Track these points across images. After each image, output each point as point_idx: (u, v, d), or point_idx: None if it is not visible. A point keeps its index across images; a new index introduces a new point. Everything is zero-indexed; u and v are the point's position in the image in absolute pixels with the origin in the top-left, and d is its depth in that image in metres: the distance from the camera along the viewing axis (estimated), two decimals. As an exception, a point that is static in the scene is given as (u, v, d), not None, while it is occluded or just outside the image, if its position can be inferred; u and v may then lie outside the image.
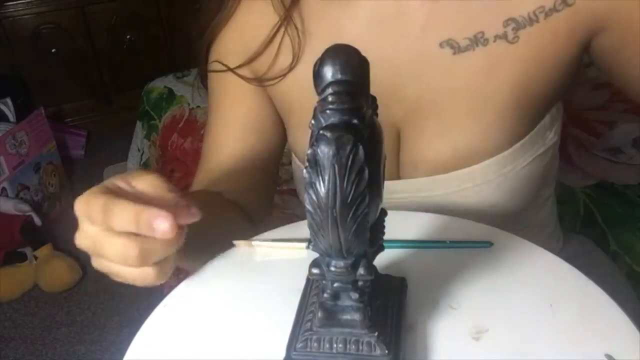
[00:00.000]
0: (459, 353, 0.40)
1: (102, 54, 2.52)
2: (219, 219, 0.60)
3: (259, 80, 0.65)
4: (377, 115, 0.34)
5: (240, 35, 0.65)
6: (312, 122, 0.32)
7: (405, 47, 0.58)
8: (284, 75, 0.63)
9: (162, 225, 0.38)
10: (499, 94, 0.57)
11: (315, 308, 0.39)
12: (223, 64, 0.66)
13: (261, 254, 0.52)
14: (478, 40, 0.56)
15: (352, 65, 0.31)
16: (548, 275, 0.47)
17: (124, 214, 0.38)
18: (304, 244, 0.51)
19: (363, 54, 0.32)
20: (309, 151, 0.31)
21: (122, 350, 0.43)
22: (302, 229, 0.35)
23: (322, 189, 0.31)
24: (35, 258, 1.80)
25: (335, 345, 0.38)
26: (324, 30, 0.61)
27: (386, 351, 0.37)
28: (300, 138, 0.66)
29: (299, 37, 0.61)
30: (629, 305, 0.43)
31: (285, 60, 0.63)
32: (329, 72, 0.31)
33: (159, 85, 1.83)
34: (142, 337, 0.45)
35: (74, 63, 2.49)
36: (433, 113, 0.59)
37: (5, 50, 2.37)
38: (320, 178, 0.31)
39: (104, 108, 2.61)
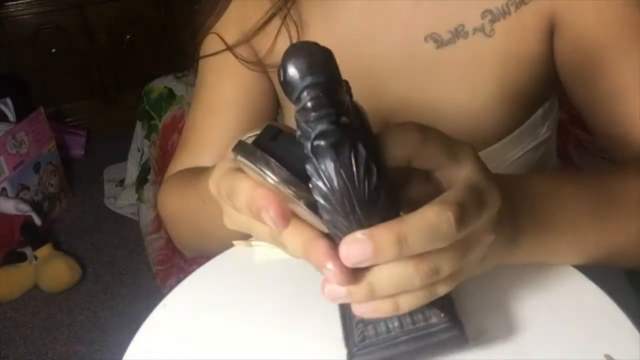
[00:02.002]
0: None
1: (102, 54, 2.52)
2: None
3: (260, 64, 0.64)
4: (351, 96, 0.32)
5: (243, 5, 0.64)
6: (299, 133, 0.30)
7: (392, 42, 0.58)
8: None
9: (271, 212, 0.32)
10: (482, 88, 0.57)
11: None
12: (222, 39, 0.64)
13: (260, 254, 0.52)
14: (459, 33, 0.56)
15: (318, 63, 0.29)
16: (547, 275, 0.47)
17: (241, 200, 0.34)
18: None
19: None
20: (308, 166, 0.30)
21: (122, 350, 0.43)
22: (301, 229, 0.35)
23: (336, 198, 0.30)
24: (35, 258, 1.80)
25: (391, 326, 0.37)
26: (319, 21, 0.61)
27: (441, 315, 0.36)
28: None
29: (297, 28, 0.61)
30: (629, 305, 0.43)
31: (283, 46, 0.62)
32: (296, 77, 0.29)
33: (159, 85, 1.83)
34: (142, 337, 0.45)
35: (74, 63, 2.49)
36: (421, 107, 0.60)
37: (5, 50, 2.37)
38: (331, 189, 0.30)
39: (104, 108, 2.61)
